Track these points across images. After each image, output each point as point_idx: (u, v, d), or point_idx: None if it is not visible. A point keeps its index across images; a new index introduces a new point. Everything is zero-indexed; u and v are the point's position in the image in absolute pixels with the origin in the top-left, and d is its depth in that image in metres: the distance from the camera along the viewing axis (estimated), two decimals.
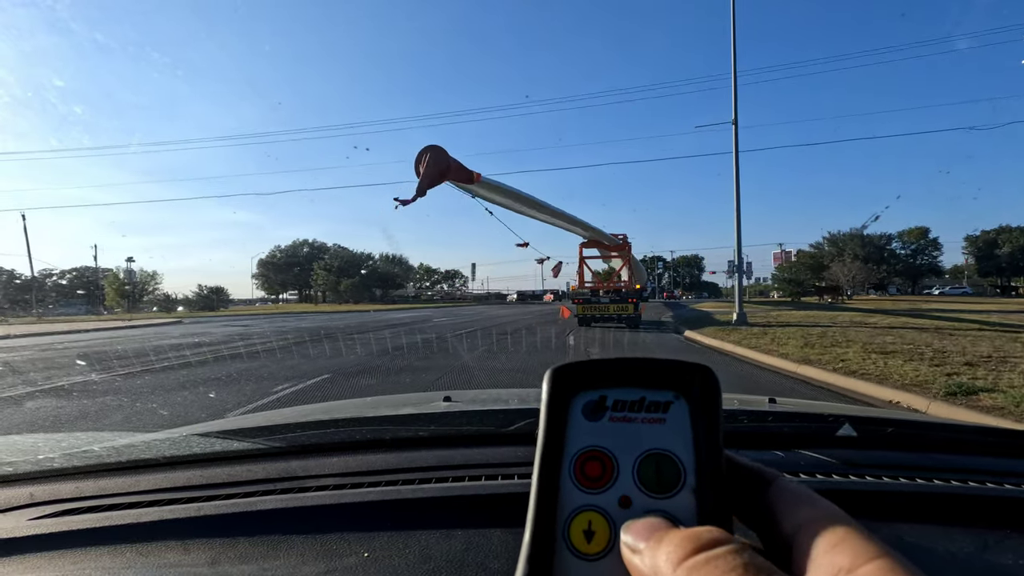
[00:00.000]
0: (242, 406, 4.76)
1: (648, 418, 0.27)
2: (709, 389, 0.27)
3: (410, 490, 0.70)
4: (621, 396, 0.27)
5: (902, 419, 1.20)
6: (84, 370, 7.45)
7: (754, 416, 1.05)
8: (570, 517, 0.25)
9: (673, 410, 0.27)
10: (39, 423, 4.31)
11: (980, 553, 0.59)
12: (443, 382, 5.92)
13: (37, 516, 0.69)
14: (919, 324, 13.87)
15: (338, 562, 0.57)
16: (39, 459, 0.83)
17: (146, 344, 11.66)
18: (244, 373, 6.77)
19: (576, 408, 0.27)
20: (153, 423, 4.18)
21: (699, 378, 0.27)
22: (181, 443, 0.89)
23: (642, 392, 0.27)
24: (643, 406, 0.27)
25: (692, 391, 0.27)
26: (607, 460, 0.26)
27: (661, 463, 0.26)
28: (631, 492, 0.26)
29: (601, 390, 0.28)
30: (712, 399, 0.26)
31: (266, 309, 52.37)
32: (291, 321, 23.31)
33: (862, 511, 0.66)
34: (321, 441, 0.88)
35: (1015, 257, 61.93)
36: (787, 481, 0.26)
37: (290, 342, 11.16)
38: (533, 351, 8.95)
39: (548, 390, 0.27)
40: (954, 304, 31.42)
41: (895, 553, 0.20)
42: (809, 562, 0.21)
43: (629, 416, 0.27)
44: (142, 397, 5.25)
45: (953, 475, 0.76)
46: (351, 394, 5.26)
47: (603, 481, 0.26)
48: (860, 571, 0.20)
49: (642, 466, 0.26)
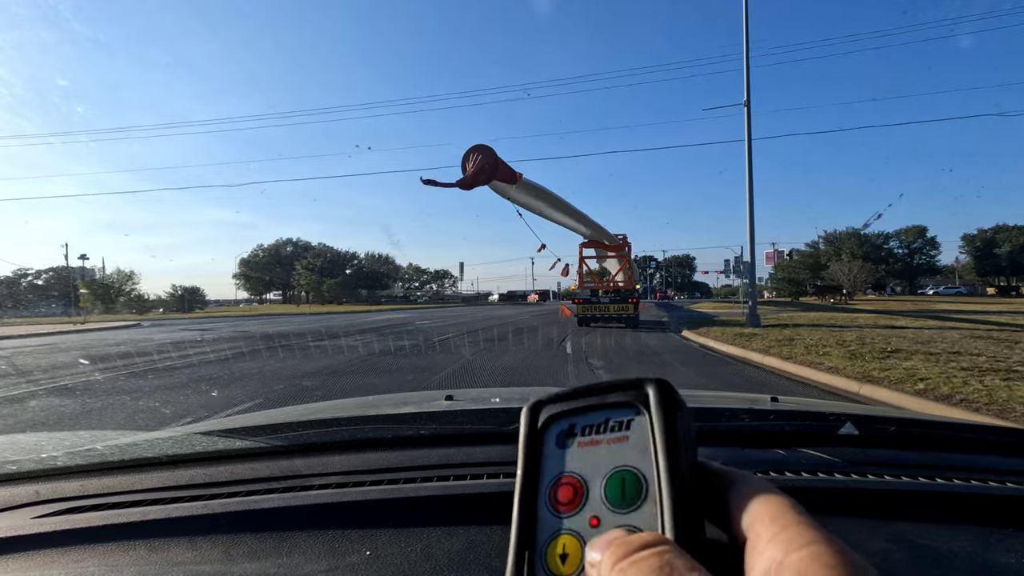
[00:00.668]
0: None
1: (612, 438, 0.28)
2: (665, 399, 0.27)
3: (412, 488, 0.71)
4: (588, 421, 0.29)
5: (904, 418, 1.23)
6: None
7: (755, 415, 1.06)
8: (547, 542, 0.27)
9: (634, 426, 0.28)
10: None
11: (983, 552, 0.59)
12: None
13: (41, 514, 0.70)
14: (954, 326, 12.84)
15: (341, 560, 0.58)
16: (42, 457, 0.84)
17: (34, 359, 9.98)
18: (105, 407, 5.18)
19: (549, 439, 0.30)
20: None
21: (655, 391, 0.28)
22: (184, 442, 0.91)
23: (606, 414, 0.29)
24: (608, 427, 0.28)
25: (649, 405, 0.28)
26: (577, 484, 0.28)
27: (625, 479, 0.27)
28: (599, 512, 0.27)
29: (570, 419, 0.29)
30: (669, 409, 0.27)
31: (240, 311, 50.38)
32: (258, 324, 21.74)
33: (865, 510, 0.67)
34: (323, 439, 0.89)
35: (1016, 256, 60.80)
36: (748, 479, 0.27)
37: (228, 354, 9.70)
38: (530, 370, 7.33)
39: (525, 426, 0.30)
40: (962, 305, 30.48)
41: (831, 539, 0.21)
42: (754, 557, 0.22)
43: (596, 439, 0.28)
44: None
45: (956, 474, 0.77)
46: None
47: (574, 504, 0.27)
48: (790, 559, 0.20)
49: (608, 484, 0.27)
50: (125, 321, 29.66)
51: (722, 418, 1.03)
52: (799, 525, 0.22)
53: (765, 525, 0.23)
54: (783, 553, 0.21)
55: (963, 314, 19.18)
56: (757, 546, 0.23)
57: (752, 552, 0.23)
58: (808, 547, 0.21)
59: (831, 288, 42.09)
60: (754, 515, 0.24)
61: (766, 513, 0.24)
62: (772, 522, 0.23)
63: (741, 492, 0.26)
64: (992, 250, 62.81)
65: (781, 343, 9.34)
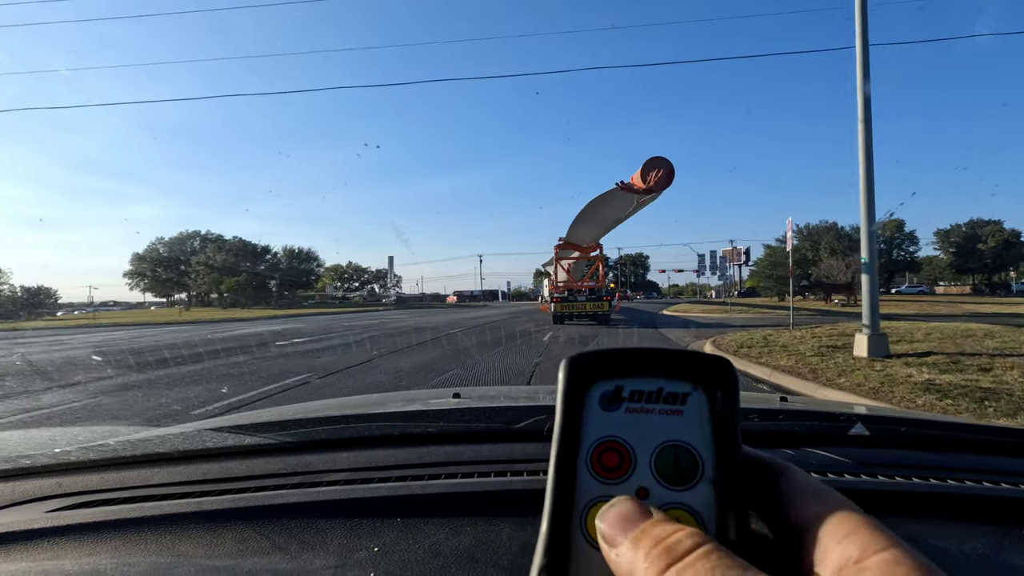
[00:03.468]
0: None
1: (666, 409, 0.28)
2: (727, 382, 0.28)
3: (419, 486, 0.75)
4: (638, 386, 0.28)
5: (915, 418, 1.25)
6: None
7: (765, 414, 1.11)
8: (587, 507, 0.26)
9: (691, 402, 0.28)
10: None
11: (996, 554, 0.62)
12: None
13: (54, 508, 0.74)
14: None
15: (349, 557, 0.61)
16: (56, 452, 0.89)
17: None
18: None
19: (593, 398, 0.28)
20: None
21: (717, 370, 0.28)
22: (194, 437, 0.95)
23: (660, 383, 0.28)
24: (660, 397, 0.28)
25: (710, 384, 0.28)
26: (624, 451, 0.27)
27: (679, 455, 0.27)
28: (648, 483, 0.27)
29: (617, 380, 0.28)
30: (730, 392, 0.27)
31: (81, 319, 38.94)
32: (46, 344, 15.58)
33: (875, 511, 0.74)
34: (331, 436, 0.94)
35: (1000, 252, 57.45)
36: (797, 472, 0.27)
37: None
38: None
39: (564, 380, 0.28)
40: (998, 306, 28.27)
41: (905, 544, 0.21)
42: (818, 553, 0.23)
43: (646, 407, 0.28)
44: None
45: (968, 475, 0.80)
46: None
47: (620, 471, 0.27)
48: (869, 561, 0.21)
49: (659, 457, 0.27)
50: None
51: None
52: (873, 528, 0.22)
53: (835, 523, 0.23)
54: (860, 553, 0.21)
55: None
56: (821, 543, 0.23)
57: (813, 547, 0.23)
58: (888, 550, 0.21)
59: (836, 287, 35.36)
60: (816, 510, 0.24)
61: (833, 511, 0.24)
62: (842, 521, 0.23)
63: (795, 484, 0.26)
64: (975, 246, 58.89)
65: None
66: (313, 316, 33.99)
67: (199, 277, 61.04)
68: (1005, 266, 63.29)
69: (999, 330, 10.62)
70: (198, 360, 9.54)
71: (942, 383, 5.79)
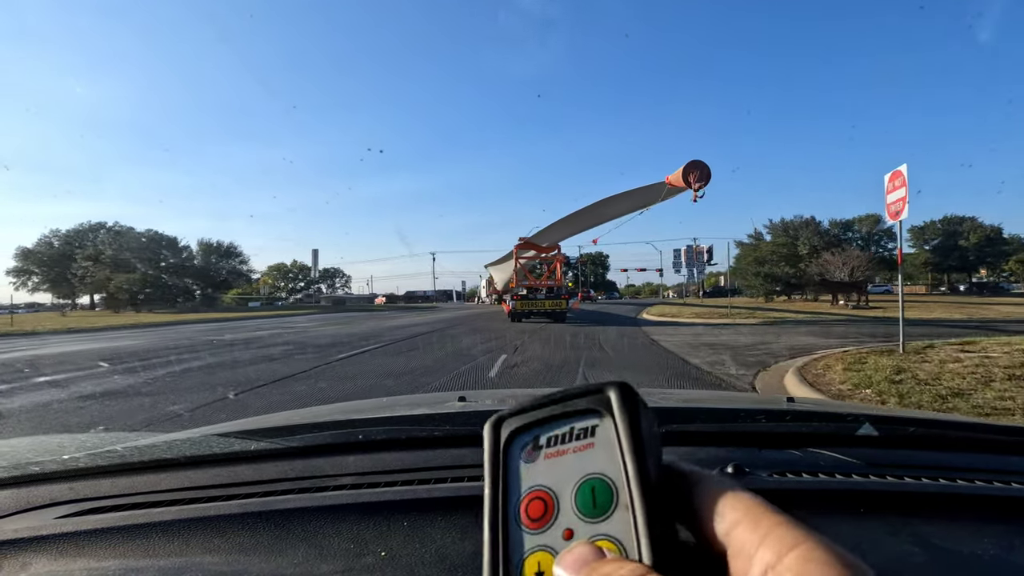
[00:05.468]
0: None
1: (578, 446, 0.29)
2: (626, 403, 0.28)
3: (426, 490, 0.77)
4: (552, 431, 0.30)
5: (924, 418, 1.31)
6: None
7: (772, 416, 1.12)
8: (521, 562, 0.28)
9: (599, 432, 0.29)
10: None
11: (1007, 554, 0.63)
12: None
13: (63, 515, 0.77)
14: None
15: (356, 561, 0.63)
16: (64, 459, 0.91)
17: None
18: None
19: (515, 454, 0.30)
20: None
21: (616, 393, 0.29)
22: (201, 443, 0.99)
23: (571, 423, 0.30)
24: (572, 436, 0.30)
25: (612, 410, 0.29)
26: (548, 497, 0.29)
27: (596, 487, 0.28)
28: (572, 523, 0.28)
29: (534, 431, 0.30)
30: (631, 413, 0.28)
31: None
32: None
33: (884, 512, 0.71)
34: (338, 441, 0.96)
35: (983, 248, 55.23)
36: (709, 479, 0.28)
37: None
38: None
39: (488, 444, 0.31)
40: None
41: (818, 537, 0.22)
42: (740, 563, 0.23)
43: (562, 449, 0.30)
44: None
45: (978, 475, 0.82)
46: None
47: (546, 519, 0.28)
48: (784, 562, 0.22)
49: (579, 494, 0.28)
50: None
51: (738, 419, 1.09)
52: (782, 526, 0.23)
53: (748, 529, 0.24)
54: (776, 556, 0.22)
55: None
56: (746, 551, 0.23)
57: (741, 558, 0.24)
58: (800, 546, 0.22)
59: (842, 286, 30.40)
60: (732, 518, 0.25)
61: (744, 515, 0.24)
62: (755, 525, 0.24)
63: (709, 492, 0.26)
64: (957, 242, 56.49)
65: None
66: (194, 324, 27.33)
67: (86, 275, 51.32)
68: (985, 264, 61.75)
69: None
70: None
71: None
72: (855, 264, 38.25)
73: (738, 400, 1.64)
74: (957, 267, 64.62)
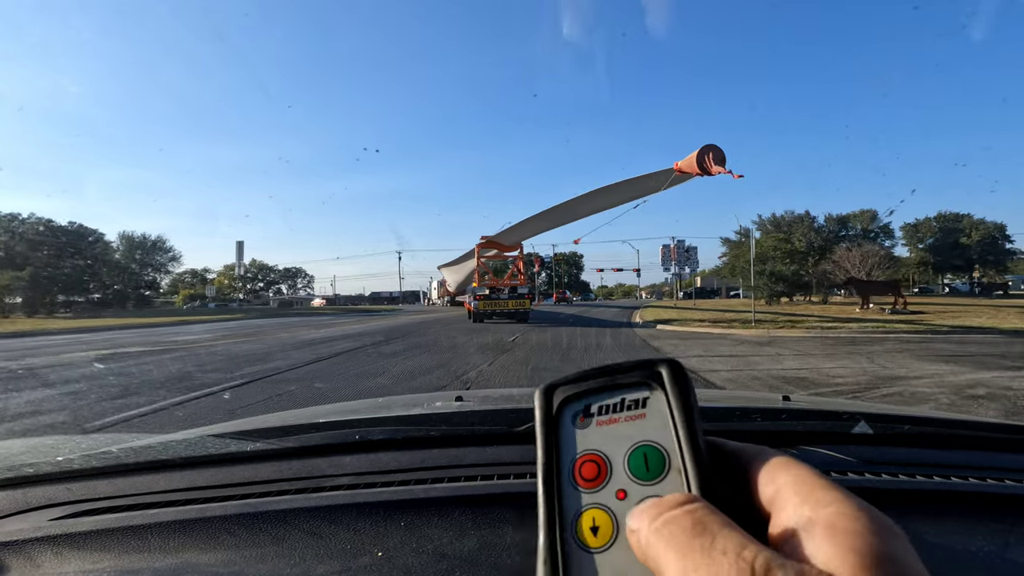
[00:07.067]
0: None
1: (630, 416, 0.32)
2: (678, 380, 0.31)
3: (423, 490, 0.78)
4: (603, 401, 0.33)
5: (919, 416, 1.31)
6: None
7: (767, 414, 1.13)
8: (576, 517, 0.30)
9: (651, 404, 0.32)
10: None
11: (1002, 551, 0.64)
12: None
13: (58, 516, 0.77)
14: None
15: (353, 562, 0.64)
16: (59, 460, 0.92)
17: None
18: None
19: (566, 420, 0.33)
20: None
21: (668, 369, 0.32)
22: (197, 444, 0.99)
23: (622, 394, 0.32)
24: (624, 406, 0.32)
25: (664, 384, 0.32)
26: (601, 461, 0.31)
27: (648, 453, 0.31)
28: (625, 484, 0.30)
29: (585, 400, 0.33)
30: (681, 386, 0.31)
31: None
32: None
33: (880, 509, 0.70)
34: (334, 441, 0.96)
35: (986, 247, 52.15)
36: (768, 452, 0.30)
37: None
38: None
39: (540, 409, 0.33)
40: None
41: (857, 500, 0.25)
42: (783, 521, 0.26)
43: (614, 417, 0.32)
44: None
45: (972, 472, 0.83)
46: None
47: (599, 480, 0.31)
48: (818, 515, 0.24)
49: (631, 459, 0.31)
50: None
51: (734, 417, 1.11)
52: (826, 488, 0.25)
53: (792, 491, 0.26)
54: (812, 511, 0.24)
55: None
56: (787, 509, 0.26)
57: (783, 514, 0.26)
58: (834, 504, 0.24)
59: (875, 286, 25.40)
60: (779, 483, 0.27)
61: (790, 480, 0.27)
62: (798, 487, 0.26)
63: (764, 464, 0.29)
64: (957, 240, 53.07)
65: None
66: (71, 334, 19.52)
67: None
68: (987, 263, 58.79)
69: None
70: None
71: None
72: (875, 261, 34.08)
73: (734, 399, 1.62)
74: (963, 267, 61.58)
